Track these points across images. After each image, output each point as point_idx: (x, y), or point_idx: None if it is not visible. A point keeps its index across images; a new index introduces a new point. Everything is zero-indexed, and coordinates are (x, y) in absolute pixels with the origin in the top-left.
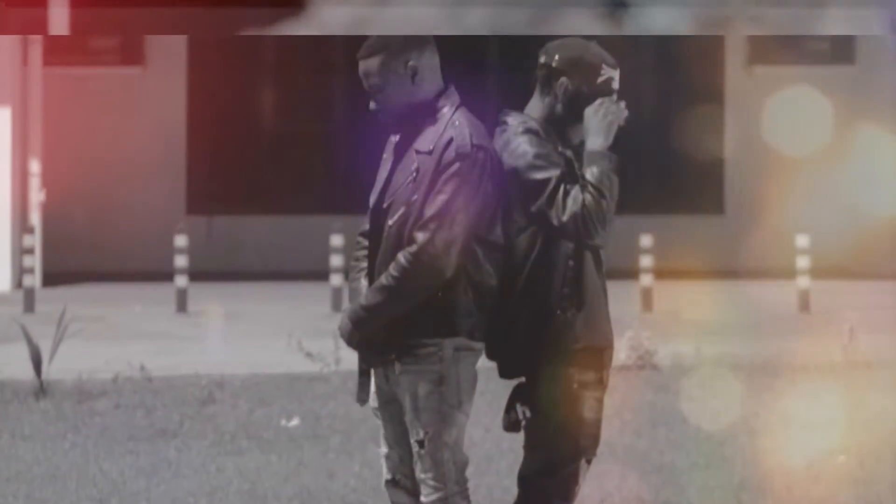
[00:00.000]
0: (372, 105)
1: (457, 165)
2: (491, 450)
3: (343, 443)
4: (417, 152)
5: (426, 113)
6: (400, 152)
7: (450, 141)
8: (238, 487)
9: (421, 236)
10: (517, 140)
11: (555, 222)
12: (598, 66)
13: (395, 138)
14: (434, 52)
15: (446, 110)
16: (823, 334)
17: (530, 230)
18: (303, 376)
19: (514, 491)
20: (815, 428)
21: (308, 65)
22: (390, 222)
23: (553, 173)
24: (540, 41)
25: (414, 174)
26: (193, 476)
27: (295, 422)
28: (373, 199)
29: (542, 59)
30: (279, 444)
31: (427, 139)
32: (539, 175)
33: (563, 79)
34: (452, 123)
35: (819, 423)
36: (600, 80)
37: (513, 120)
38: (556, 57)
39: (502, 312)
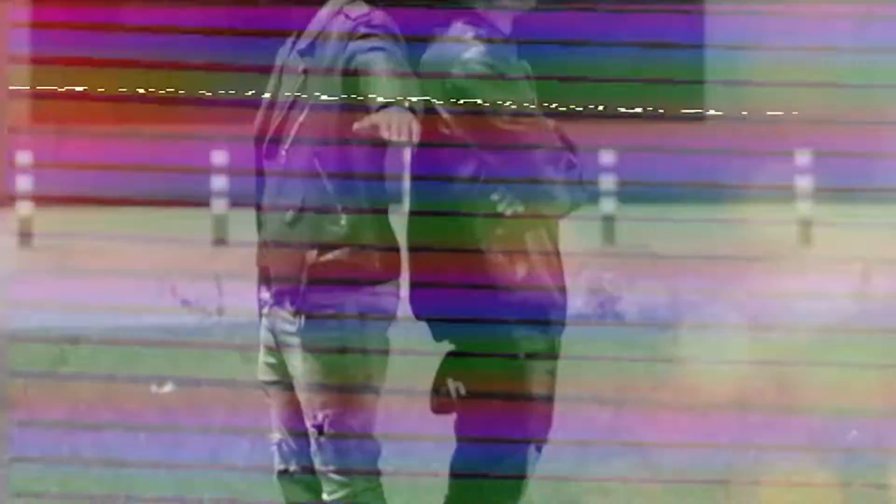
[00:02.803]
0: None
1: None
2: (415, 425)
3: (229, 416)
4: (300, 53)
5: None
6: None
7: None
8: (98, 472)
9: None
10: (470, 47)
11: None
12: None
13: (284, 49)
14: None
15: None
16: (832, 273)
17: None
18: (178, 329)
19: (445, 481)
20: (840, 391)
21: None
22: (286, 147)
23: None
24: None
25: (302, 78)
26: (42, 458)
27: (168, 388)
28: (257, 125)
29: None
30: (149, 416)
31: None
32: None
33: None
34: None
35: (840, 385)
36: None
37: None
38: None
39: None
